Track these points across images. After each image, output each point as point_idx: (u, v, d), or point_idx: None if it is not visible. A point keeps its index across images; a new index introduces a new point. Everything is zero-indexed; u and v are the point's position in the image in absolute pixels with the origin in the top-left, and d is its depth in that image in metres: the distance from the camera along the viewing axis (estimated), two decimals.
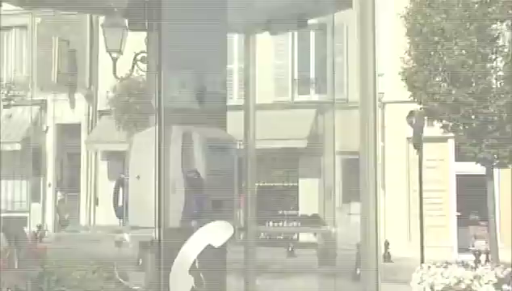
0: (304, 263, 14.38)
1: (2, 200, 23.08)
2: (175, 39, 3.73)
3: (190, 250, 3.10)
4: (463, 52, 11.92)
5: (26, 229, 11.27)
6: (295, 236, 18.86)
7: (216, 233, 3.25)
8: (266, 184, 20.59)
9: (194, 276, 3.21)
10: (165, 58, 3.64)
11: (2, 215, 8.51)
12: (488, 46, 12.06)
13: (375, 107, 3.25)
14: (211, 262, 3.31)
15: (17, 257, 7.13)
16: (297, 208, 20.58)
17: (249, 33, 4.45)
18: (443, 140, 17.48)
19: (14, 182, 22.92)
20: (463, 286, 8.95)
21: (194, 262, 3.23)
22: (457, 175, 18.96)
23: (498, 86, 12.09)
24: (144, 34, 4.08)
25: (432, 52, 12.25)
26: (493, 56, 12.23)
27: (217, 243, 3.27)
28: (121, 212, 3.80)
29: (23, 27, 24.36)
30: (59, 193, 22.72)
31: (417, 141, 13.03)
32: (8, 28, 24.48)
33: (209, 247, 3.26)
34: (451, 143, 17.98)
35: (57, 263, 8.30)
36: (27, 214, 19.09)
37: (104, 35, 13.84)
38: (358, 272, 8.71)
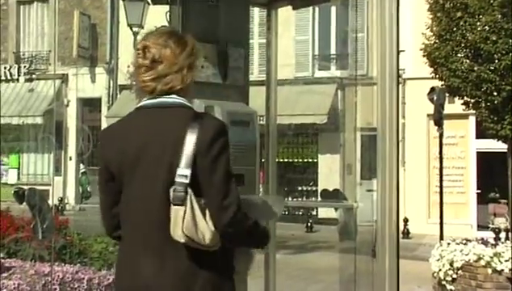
0: (323, 238, 14.42)
1: (25, 173, 23.37)
2: (198, 12, 3.73)
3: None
4: (487, 27, 11.79)
5: (49, 202, 11.41)
6: (314, 212, 18.90)
7: (276, 206, 3.27)
8: (285, 160, 20.63)
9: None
10: (187, 32, 3.65)
11: (25, 187, 8.62)
12: None
13: (397, 83, 3.23)
14: None
15: (41, 228, 7.22)
16: (316, 184, 20.60)
17: (271, 8, 4.43)
18: (464, 117, 17.38)
19: (36, 155, 23.15)
20: (482, 263, 8.93)
21: None
22: (478, 152, 18.86)
23: None
24: (166, 7, 4.08)
25: (454, 28, 12.12)
26: None
27: (279, 215, 3.28)
28: None
29: (45, 0, 24.44)
30: (81, 165, 22.92)
31: (438, 118, 12.94)
32: (29, 2, 24.59)
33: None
34: (472, 120, 17.87)
35: (79, 236, 8.41)
36: (49, 187, 19.29)
37: (125, 9, 13.88)
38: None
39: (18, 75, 23.61)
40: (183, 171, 2.43)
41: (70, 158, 23.40)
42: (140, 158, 2.49)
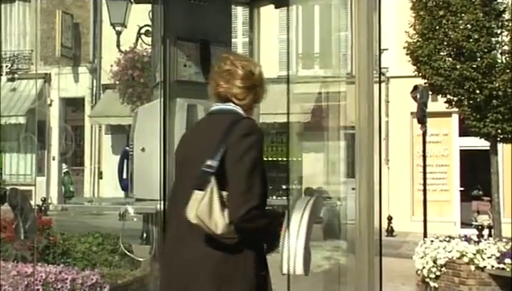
0: None
1: (7, 173, 23.20)
2: (180, 11, 3.71)
3: (310, 226, 3.12)
4: (469, 26, 11.85)
5: (31, 202, 11.34)
6: None
7: (319, 206, 3.33)
8: (269, 159, 20.63)
9: None
10: (169, 31, 3.63)
11: (7, 187, 8.56)
12: (494, 20, 11.98)
13: (380, 82, 3.23)
14: None
15: (23, 228, 7.17)
16: (301, 183, 20.60)
17: (254, 6, 4.42)
18: (447, 115, 17.45)
19: (18, 155, 22.99)
20: (465, 260, 8.97)
21: None
22: (461, 150, 18.96)
23: (503, 60, 12.02)
24: (148, 6, 4.07)
25: (437, 27, 12.17)
26: (499, 31, 12.14)
27: (320, 214, 3.37)
28: (126, 184, 3.82)
29: None
30: (64, 165, 22.79)
31: (421, 116, 12.98)
32: (11, 1, 24.39)
33: None
34: (455, 118, 17.97)
35: (62, 236, 8.35)
36: (32, 187, 19.15)
37: (108, 8, 13.81)
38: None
39: (0, 75, 23.42)
40: (210, 162, 2.71)
41: (53, 158, 23.25)
42: (193, 158, 2.84)
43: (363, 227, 3.07)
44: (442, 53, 12.28)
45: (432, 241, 9.77)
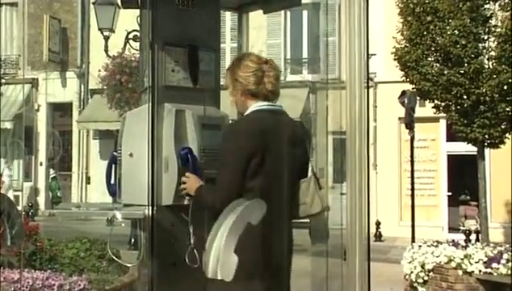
0: (295, 241, 14.44)
1: None
2: (168, 16, 3.71)
3: (233, 230, 3.08)
4: (456, 31, 11.92)
5: (18, 208, 11.27)
6: None
7: (253, 211, 3.25)
8: None
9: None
10: (157, 36, 3.63)
11: None
12: (481, 26, 12.06)
13: (368, 87, 3.24)
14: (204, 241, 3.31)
15: (9, 234, 7.13)
16: None
17: (242, 12, 4.43)
18: (435, 120, 17.54)
19: (5, 160, 22.87)
20: (453, 265, 9.00)
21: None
22: (448, 155, 19.04)
23: (490, 66, 12.10)
24: (136, 11, 4.05)
25: (425, 32, 12.24)
26: (486, 37, 12.23)
27: (255, 221, 3.26)
28: (114, 189, 3.80)
29: (13, 4, 24.18)
30: (51, 170, 22.69)
31: (409, 121, 13.04)
32: None
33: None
34: (442, 123, 18.04)
35: (49, 242, 8.30)
36: (19, 193, 19.05)
37: (96, 13, 13.79)
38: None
39: None
40: (311, 164, 3.44)
41: (41, 164, 23.15)
42: (287, 154, 3.27)
43: (354, 232, 3.07)
44: (429, 59, 12.35)
45: (420, 246, 9.79)
